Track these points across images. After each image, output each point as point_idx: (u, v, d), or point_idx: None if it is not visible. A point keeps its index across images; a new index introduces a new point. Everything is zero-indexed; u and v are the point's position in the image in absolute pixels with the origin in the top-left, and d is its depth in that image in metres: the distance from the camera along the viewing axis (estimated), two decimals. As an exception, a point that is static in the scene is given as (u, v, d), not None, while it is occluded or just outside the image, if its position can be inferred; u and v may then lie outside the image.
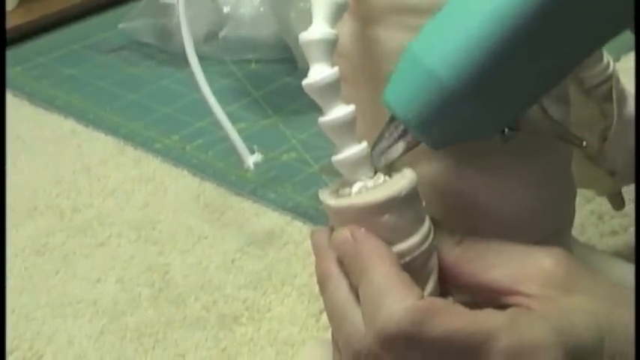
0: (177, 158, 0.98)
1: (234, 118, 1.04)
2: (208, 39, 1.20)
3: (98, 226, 0.87)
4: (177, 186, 0.94)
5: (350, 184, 0.45)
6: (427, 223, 0.45)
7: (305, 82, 0.44)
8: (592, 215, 0.86)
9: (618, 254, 0.81)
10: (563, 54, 0.42)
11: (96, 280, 0.80)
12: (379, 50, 0.48)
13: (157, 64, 1.19)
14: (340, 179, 0.46)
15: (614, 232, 0.84)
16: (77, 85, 1.15)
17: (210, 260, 0.82)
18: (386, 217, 0.44)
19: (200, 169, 0.96)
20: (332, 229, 0.46)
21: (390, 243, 0.44)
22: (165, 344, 0.73)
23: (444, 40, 0.41)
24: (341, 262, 0.45)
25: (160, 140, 1.02)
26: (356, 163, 0.45)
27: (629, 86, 0.99)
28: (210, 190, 0.93)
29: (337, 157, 0.45)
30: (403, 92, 0.43)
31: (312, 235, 0.47)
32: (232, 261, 0.82)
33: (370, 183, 0.45)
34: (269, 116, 1.06)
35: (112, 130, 1.04)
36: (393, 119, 0.44)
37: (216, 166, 0.97)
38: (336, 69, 0.44)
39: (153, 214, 0.89)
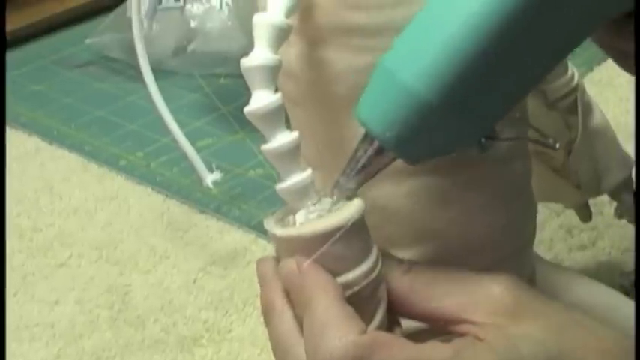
0: (142, 176, 0.97)
1: (201, 134, 1.04)
2: (177, 53, 1.19)
3: (59, 246, 0.86)
4: (141, 204, 0.92)
5: (294, 213, 0.44)
6: (375, 252, 0.44)
7: (246, 109, 0.43)
8: (561, 229, 0.86)
9: (586, 269, 0.80)
10: (540, 57, 0.41)
11: (54, 302, 0.79)
12: (328, 71, 0.47)
13: (124, 80, 1.18)
14: (284, 207, 0.45)
15: (582, 247, 0.84)
16: (43, 101, 1.13)
17: (172, 280, 0.81)
18: (332, 247, 0.42)
19: (164, 187, 0.95)
20: (278, 259, 0.45)
21: (337, 273, 0.43)
22: (122, 368, 0.72)
23: (419, 54, 0.40)
24: (287, 293, 0.44)
25: (124, 157, 1.01)
26: (300, 191, 0.44)
27: (602, 97, 1.00)
28: (174, 207, 0.92)
29: (281, 186, 0.44)
30: (379, 110, 0.41)
31: (258, 264, 0.46)
32: (194, 281, 0.81)
33: (315, 211, 0.44)
34: (236, 132, 1.05)
35: (77, 148, 1.03)
36: (366, 137, 0.43)
37: (180, 183, 0.95)
38: (278, 95, 0.43)
39: (115, 234, 0.88)
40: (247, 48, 0.44)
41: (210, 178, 0.82)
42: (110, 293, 0.80)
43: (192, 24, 1.18)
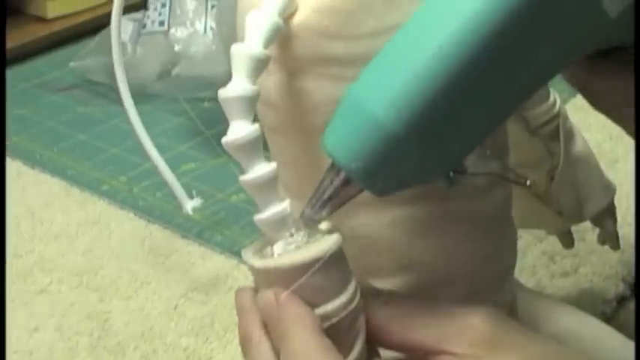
0: (124, 200, 0.97)
1: (184, 158, 1.03)
2: (161, 77, 1.19)
3: (39, 272, 0.85)
4: (123, 229, 0.92)
5: (273, 243, 0.44)
6: (353, 283, 0.44)
7: (224, 140, 0.43)
8: (543, 256, 0.86)
9: (568, 296, 0.80)
10: (509, 92, 0.41)
11: (33, 329, 0.78)
12: (307, 101, 0.47)
13: (107, 103, 1.18)
14: (262, 238, 0.45)
15: (565, 273, 0.84)
16: (26, 125, 1.13)
17: (153, 307, 0.80)
18: (311, 278, 0.42)
19: (147, 212, 0.95)
20: (256, 289, 0.45)
21: (316, 304, 0.43)
22: (101, 396, 0.72)
23: (387, 85, 0.39)
24: (265, 324, 0.44)
25: (107, 182, 1.00)
26: (279, 222, 0.44)
27: (585, 123, 1.00)
28: (156, 233, 0.91)
29: (259, 217, 0.44)
30: (345, 140, 0.41)
31: (236, 295, 0.46)
32: (175, 307, 0.80)
33: (293, 243, 0.44)
34: (219, 156, 1.05)
35: (59, 172, 1.02)
36: (333, 167, 0.43)
37: (163, 208, 0.95)
38: (256, 126, 0.43)
39: (96, 259, 0.87)
40: (231, 72, 0.44)
41: (190, 205, 0.81)
42: (90, 320, 0.79)
43: (177, 48, 1.19)
